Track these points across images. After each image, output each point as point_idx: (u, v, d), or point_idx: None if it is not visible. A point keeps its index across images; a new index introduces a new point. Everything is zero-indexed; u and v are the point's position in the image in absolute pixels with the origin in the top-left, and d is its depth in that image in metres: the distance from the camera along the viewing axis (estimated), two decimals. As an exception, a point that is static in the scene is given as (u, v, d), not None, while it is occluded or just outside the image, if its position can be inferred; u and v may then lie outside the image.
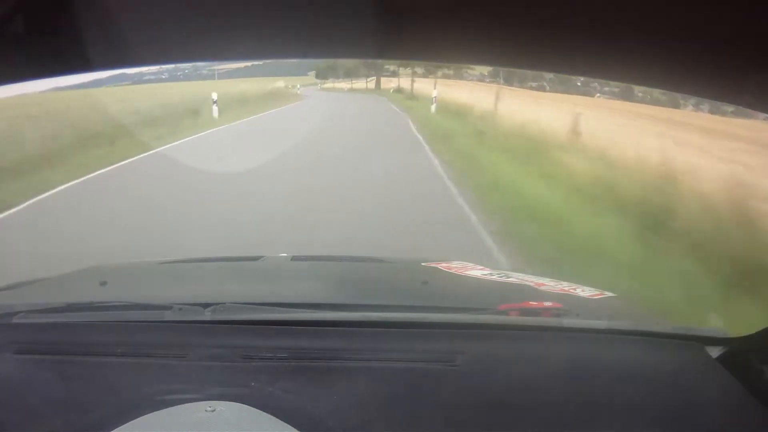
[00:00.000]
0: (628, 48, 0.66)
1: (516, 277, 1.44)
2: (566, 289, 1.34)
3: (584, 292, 1.33)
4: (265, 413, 0.80)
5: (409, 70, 27.41)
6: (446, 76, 25.32)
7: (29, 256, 3.40)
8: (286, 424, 0.78)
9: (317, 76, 43.29)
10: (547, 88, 19.05)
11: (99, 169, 7.70)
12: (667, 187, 5.15)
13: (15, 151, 7.76)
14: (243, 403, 0.82)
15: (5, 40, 0.66)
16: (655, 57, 0.67)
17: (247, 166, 7.09)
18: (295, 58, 0.77)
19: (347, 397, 0.88)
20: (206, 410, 0.80)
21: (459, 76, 26.02)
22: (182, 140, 10.95)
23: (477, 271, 1.48)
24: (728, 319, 1.43)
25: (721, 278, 3.38)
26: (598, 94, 17.40)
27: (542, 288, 1.32)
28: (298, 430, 0.78)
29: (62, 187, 6.61)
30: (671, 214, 4.44)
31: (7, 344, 1.00)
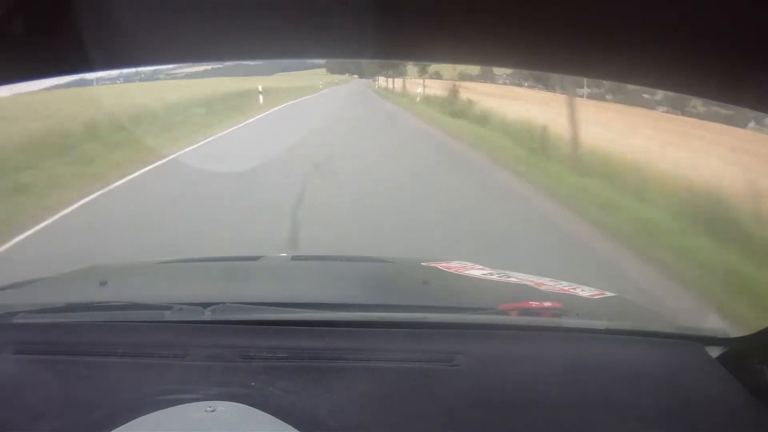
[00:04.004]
0: (628, 48, 0.66)
1: (516, 277, 1.44)
2: (566, 288, 1.34)
3: (584, 292, 1.33)
4: (265, 413, 0.80)
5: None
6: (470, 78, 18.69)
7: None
8: (286, 424, 0.78)
9: (330, 71, 35.35)
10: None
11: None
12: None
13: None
14: (243, 403, 0.82)
15: (5, 40, 0.66)
16: (655, 57, 0.67)
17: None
18: (295, 58, 0.77)
19: (347, 397, 0.88)
20: (206, 410, 0.80)
21: (490, 79, 19.22)
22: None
23: (477, 271, 1.48)
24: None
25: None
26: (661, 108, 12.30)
27: (542, 288, 1.32)
28: (298, 430, 0.78)
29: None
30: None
31: (7, 344, 1.00)
